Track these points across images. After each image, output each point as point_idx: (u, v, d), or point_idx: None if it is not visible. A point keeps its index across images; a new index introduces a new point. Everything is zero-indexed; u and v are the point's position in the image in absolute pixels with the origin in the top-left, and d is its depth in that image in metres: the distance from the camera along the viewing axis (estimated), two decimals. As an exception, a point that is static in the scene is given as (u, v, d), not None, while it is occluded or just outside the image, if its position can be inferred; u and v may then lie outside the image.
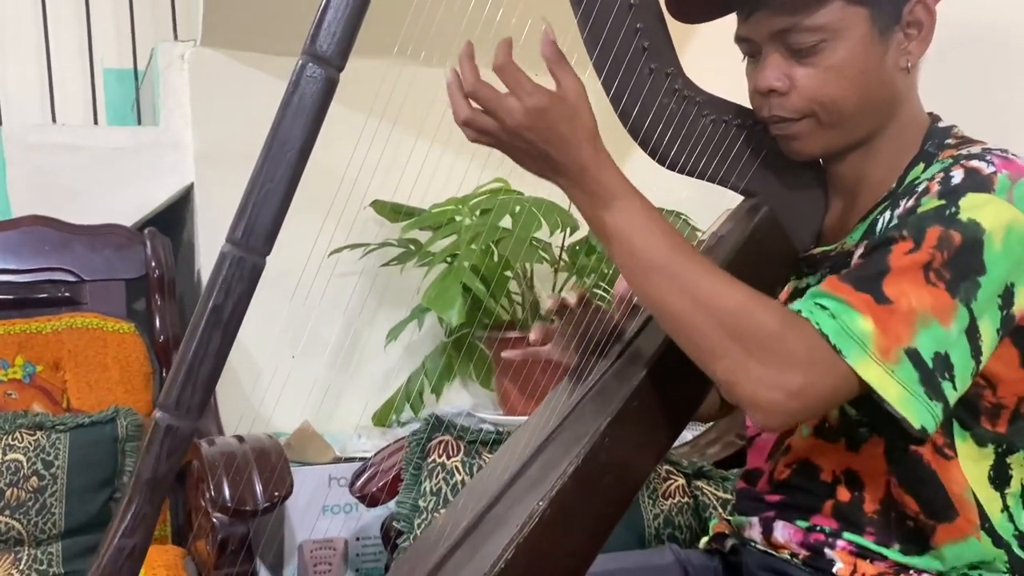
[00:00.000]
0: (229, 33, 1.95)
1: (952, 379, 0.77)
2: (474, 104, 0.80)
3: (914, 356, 0.76)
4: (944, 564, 0.85)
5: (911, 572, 0.86)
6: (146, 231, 1.86)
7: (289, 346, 1.91)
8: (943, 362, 0.76)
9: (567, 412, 0.89)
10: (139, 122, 2.21)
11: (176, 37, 2.08)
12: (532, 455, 0.88)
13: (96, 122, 2.17)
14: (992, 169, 0.79)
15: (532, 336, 1.00)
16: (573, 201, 0.84)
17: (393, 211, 1.91)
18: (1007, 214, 0.77)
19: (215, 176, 1.99)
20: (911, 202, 0.81)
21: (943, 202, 0.78)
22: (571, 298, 0.96)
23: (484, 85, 0.79)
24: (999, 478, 0.86)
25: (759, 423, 0.81)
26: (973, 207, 0.77)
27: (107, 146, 1.95)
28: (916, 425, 0.76)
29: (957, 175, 0.79)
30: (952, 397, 0.77)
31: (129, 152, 1.95)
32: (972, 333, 0.77)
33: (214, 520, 1.31)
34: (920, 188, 0.81)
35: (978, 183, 0.78)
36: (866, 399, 0.77)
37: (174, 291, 1.86)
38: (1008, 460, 0.86)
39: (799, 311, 0.79)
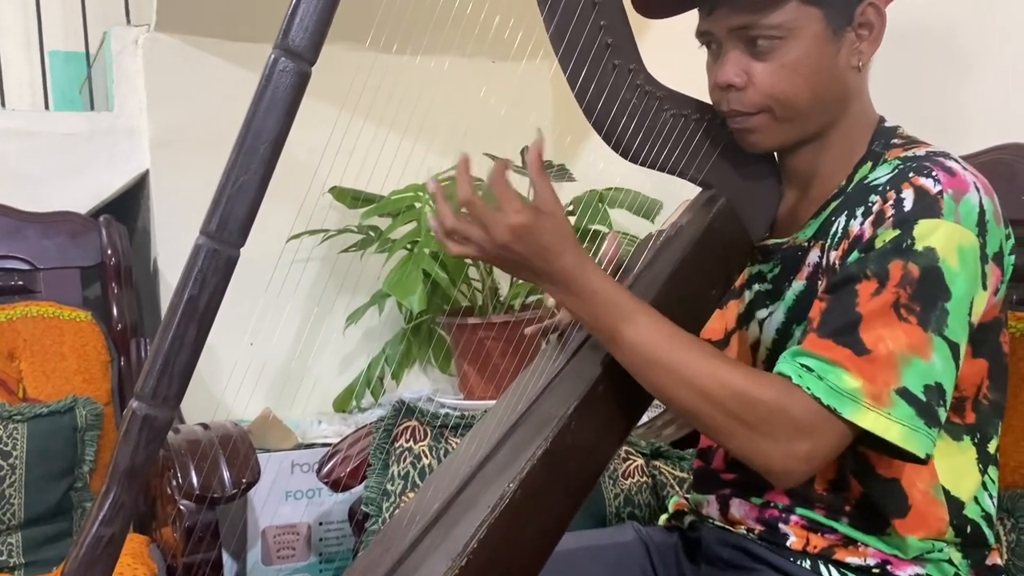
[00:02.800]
0: (184, 18, 1.93)
1: (944, 404, 0.82)
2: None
3: (905, 394, 0.80)
4: (890, 547, 0.90)
5: (859, 544, 0.91)
6: (101, 218, 1.84)
7: (247, 333, 1.91)
8: (936, 391, 0.81)
9: (535, 396, 0.92)
10: (92, 107, 2.17)
11: (129, 21, 2.05)
12: (501, 438, 0.91)
13: (47, 107, 2.13)
14: (938, 188, 0.83)
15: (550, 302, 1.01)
16: (563, 304, 0.88)
17: (352, 198, 1.92)
18: (956, 235, 0.82)
19: (171, 162, 1.97)
20: (867, 226, 0.84)
21: (899, 232, 0.82)
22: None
23: (477, 199, 0.83)
24: (983, 465, 0.91)
25: (780, 486, 0.88)
26: (926, 234, 0.81)
27: (60, 132, 1.91)
28: (921, 455, 0.81)
29: (908, 197, 0.83)
30: (944, 416, 0.82)
31: (83, 138, 1.92)
32: (955, 356, 0.82)
33: (181, 507, 1.32)
34: (874, 205, 0.85)
35: (927, 207, 0.82)
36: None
37: (131, 279, 1.84)
38: (987, 447, 0.92)
39: (788, 376, 0.83)
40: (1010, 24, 1.32)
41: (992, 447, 0.92)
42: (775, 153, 0.97)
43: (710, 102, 0.95)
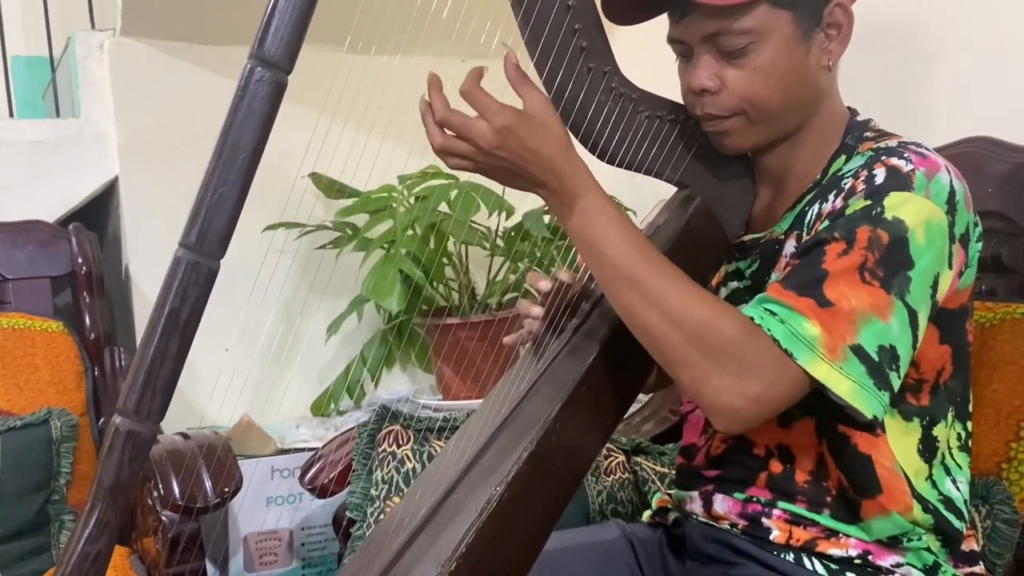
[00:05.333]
0: (150, 22, 1.91)
1: (897, 369, 0.83)
2: (448, 131, 0.84)
3: (859, 352, 0.81)
4: (870, 535, 0.92)
5: (840, 536, 0.92)
6: (71, 226, 1.82)
7: (223, 339, 1.90)
8: (889, 354, 0.82)
9: (519, 399, 0.93)
10: (58, 113, 2.14)
11: (93, 25, 2.02)
12: (487, 442, 0.91)
13: (11, 113, 2.09)
14: (910, 167, 0.84)
15: (535, 312, 1.02)
16: (553, 211, 0.89)
17: (328, 186, 1.91)
18: (926, 210, 0.83)
19: (140, 168, 1.95)
20: (839, 201, 0.86)
21: (869, 202, 0.83)
22: (566, 276, 1.00)
23: (454, 112, 0.82)
24: (927, 450, 0.92)
25: (721, 428, 0.87)
26: (896, 205, 0.83)
27: (26, 139, 1.89)
28: (868, 415, 0.82)
29: (879, 174, 0.85)
30: (896, 384, 0.83)
31: (49, 145, 1.90)
32: (913, 324, 0.83)
33: (163, 518, 1.31)
34: (846, 186, 0.86)
35: (899, 181, 0.84)
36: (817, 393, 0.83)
37: (102, 287, 1.82)
38: (934, 432, 0.93)
39: (751, 317, 0.84)
40: (972, 20, 1.34)
41: (939, 431, 0.93)
42: (749, 152, 0.98)
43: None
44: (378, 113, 1.11)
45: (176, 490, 1.28)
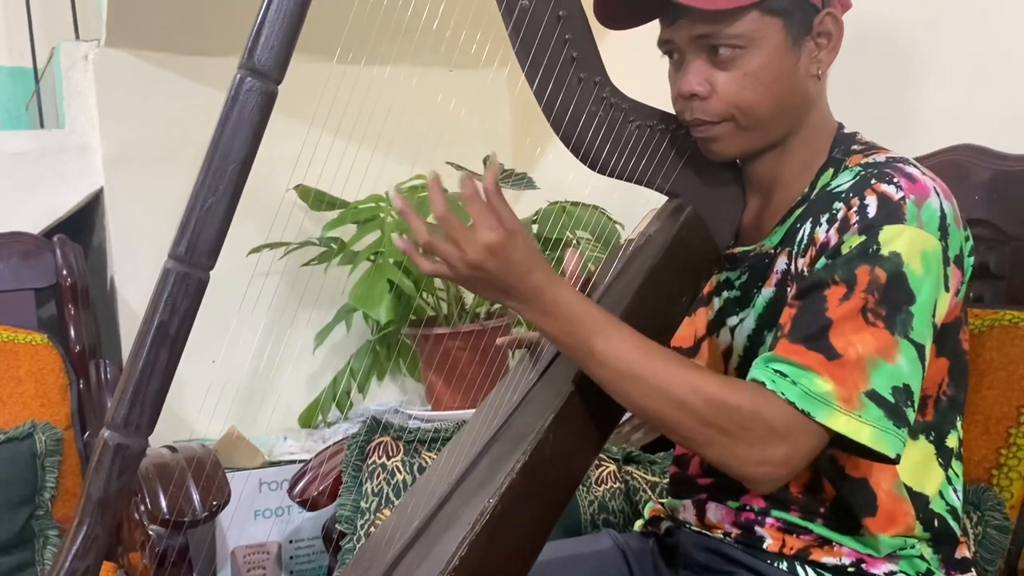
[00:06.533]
0: (135, 32, 1.90)
1: (912, 404, 0.83)
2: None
3: (874, 397, 0.82)
4: (864, 545, 0.92)
5: (834, 544, 0.92)
6: (55, 238, 1.80)
7: (209, 350, 1.88)
8: (904, 393, 0.82)
9: (511, 410, 0.92)
10: (42, 124, 2.12)
11: (77, 36, 2.01)
12: (479, 453, 0.91)
13: (-7, 124, 2.08)
14: (900, 195, 0.85)
15: None
16: (534, 323, 0.88)
17: (316, 199, 1.90)
18: (920, 240, 0.84)
19: (126, 179, 1.94)
20: (832, 233, 0.86)
21: (864, 238, 0.84)
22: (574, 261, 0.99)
23: (453, 216, 0.82)
24: (944, 460, 0.93)
25: (758, 492, 0.89)
26: (891, 239, 0.83)
27: (9, 151, 1.87)
28: (892, 455, 0.83)
29: (871, 204, 0.85)
30: (912, 416, 0.84)
31: (33, 156, 1.88)
32: (921, 358, 0.83)
33: (150, 532, 1.29)
34: (839, 214, 0.86)
35: (891, 213, 0.84)
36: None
37: (87, 299, 1.80)
38: (946, 443, 0.94)
39: (762, 383, 0.84)
40: (958, 29, 1.36)
41: (951, 442, 0.94)
42: (738, 161, 0.99)
43: (672, 111, 0.96)
44: (368, 124, 1.11)
45: (164, 504, 1.27)
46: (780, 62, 0.89)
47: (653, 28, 0.95)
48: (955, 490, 0.95)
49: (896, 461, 0.83)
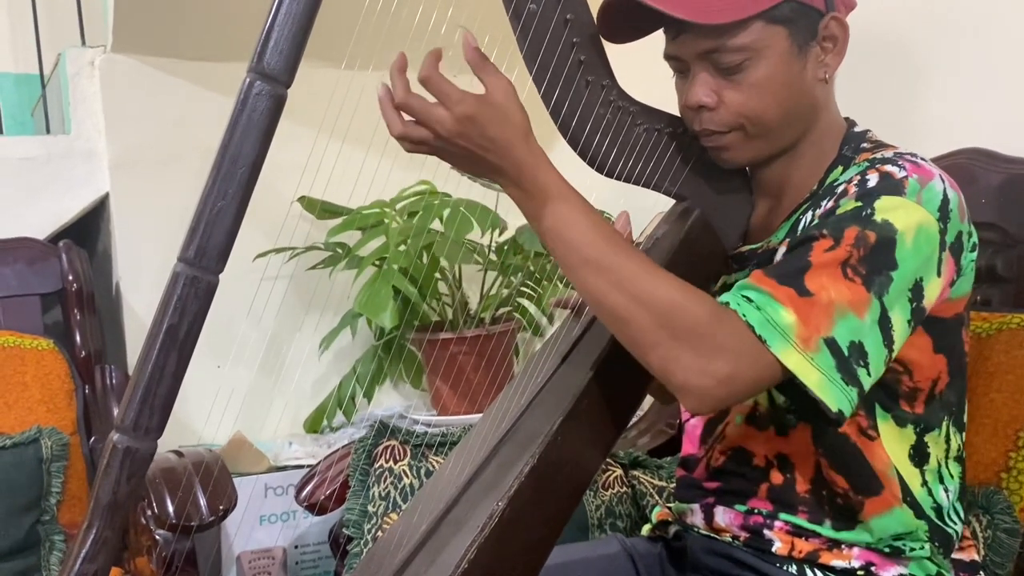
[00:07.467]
0: (141, 38, 1.91)
1: (866, 365, 0.82)
2: (407, 116, 0.82)
3: (832, 345, 0.81)
4: (872, 536, 0.92)
5: (842, 546, 0.92)
6: (61, 243, 1.80)
7: (215, 355, 1.88)
8: (858, 350, 0.81)
9: (519, 413, 0.92)
10: (48, 130, 2.13)
11: (84, 42, 2.02)
12: (487, 457, 0.90)
13: (1, 131, 2.08)
14: (904, 174, 0.85)
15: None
16: (513, 199, 0.87)
17: (321, 209, 1.90)
18: (917, 215, 0.83)
19: (131, 184, 1.94)
20: (830, 203, 0.87)
21: (860, 204, 0.84)
22: None
23: (414, 97, 0.81)
24: (918, 456, 0.92)
25: (690, 408, 0.85)
26: (887, 209, 0.83)
27: (15, 156, 1.87)
28: (833, 408, 0.81)
29: (872, 178, 0.85)
30: (867, 382, 0.82)
31: (39, 162, 1.88)
32: (884, 323, 0.82)
33: (157, 537, 1.29)
34: (839, 190, 0.87)
35: (891, 186, 0.84)
36: (792, 387, 0.82)
37: (93, 304, 1.81)
38: (926, 439, 0.93)
39: (727, 303, 0.83)
40: (965, 33, 1.36)
41: (934, 443, 0.93)
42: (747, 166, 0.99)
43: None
44: (375, 129, 1.11)
45: (170, 508, 1.27)
46: (786, 70, 0.89)
47: (662, 36, 0.95)
48: (947, 490, 0.94)
49: (839, 420, 0.82)
